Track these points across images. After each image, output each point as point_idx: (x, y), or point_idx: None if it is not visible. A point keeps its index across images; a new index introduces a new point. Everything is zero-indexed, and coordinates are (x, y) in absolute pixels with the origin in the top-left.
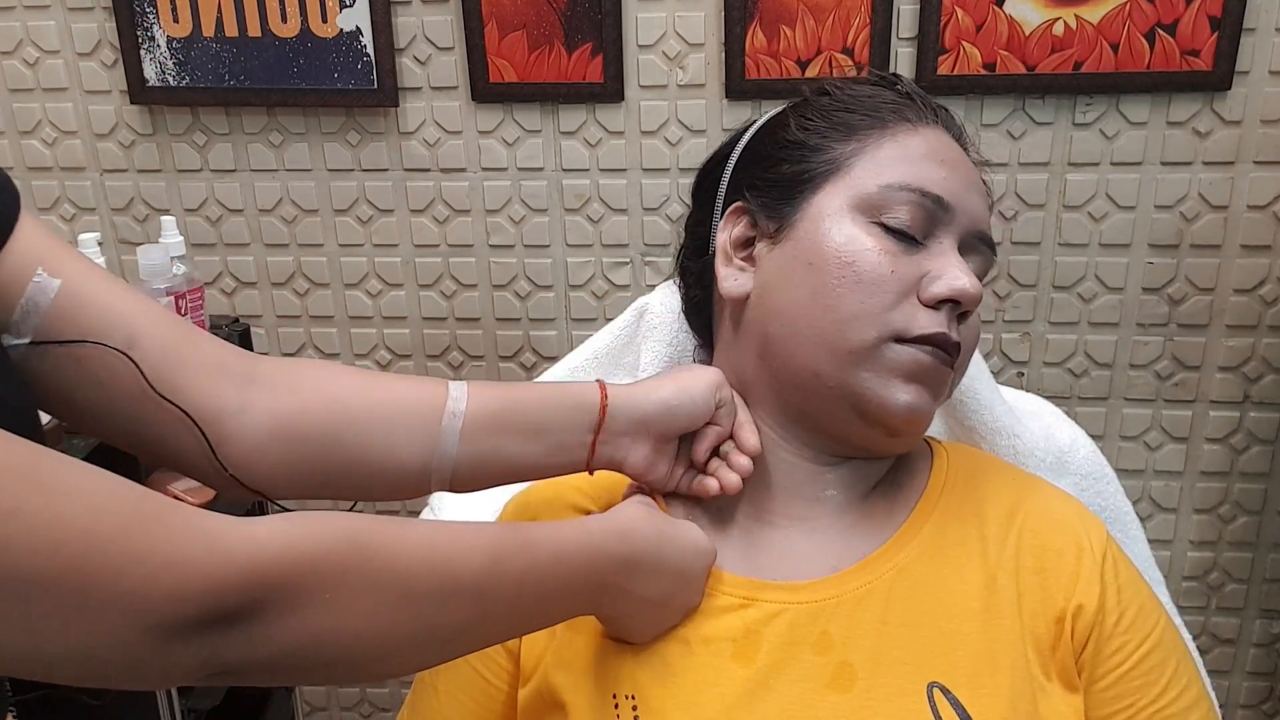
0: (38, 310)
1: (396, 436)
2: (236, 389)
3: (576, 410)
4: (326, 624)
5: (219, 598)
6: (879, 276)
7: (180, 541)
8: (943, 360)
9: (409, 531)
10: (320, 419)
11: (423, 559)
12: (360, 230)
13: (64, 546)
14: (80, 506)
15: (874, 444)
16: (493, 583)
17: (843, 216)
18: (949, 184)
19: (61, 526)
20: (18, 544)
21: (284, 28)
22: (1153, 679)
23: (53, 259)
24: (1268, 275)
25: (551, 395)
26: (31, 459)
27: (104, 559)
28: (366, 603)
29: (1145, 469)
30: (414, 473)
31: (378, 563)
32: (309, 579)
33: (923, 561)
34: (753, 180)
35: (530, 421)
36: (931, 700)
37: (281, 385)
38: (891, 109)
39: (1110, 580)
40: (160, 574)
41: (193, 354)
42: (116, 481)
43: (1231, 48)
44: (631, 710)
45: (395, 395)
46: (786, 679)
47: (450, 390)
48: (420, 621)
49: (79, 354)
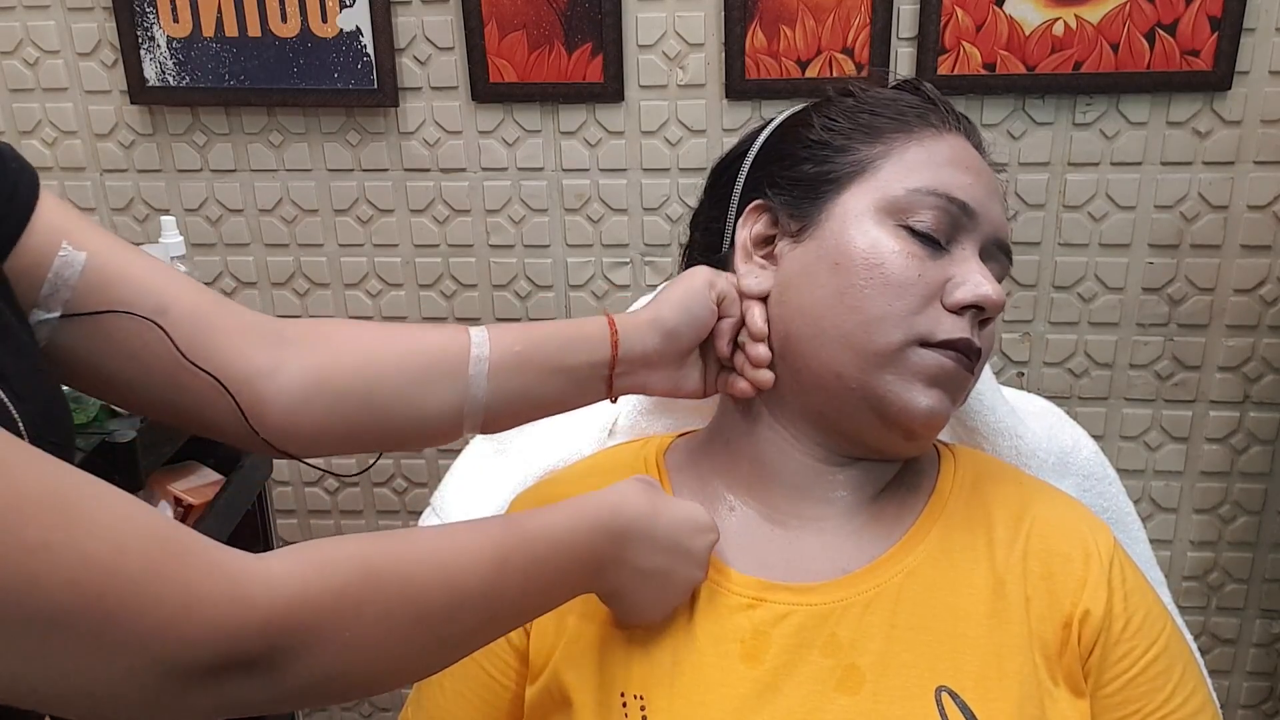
0: (66, 284)
1: (428, 387)
2: (268, 351)
3: (590, 349)
4: (343, 659)
5: (237, 644)
6: (906, 280)
7: (201, 585)
8: (965, 365)
9: (416, 547)
10: (352, 374)
11: (432, 576)
12: (360, 230)
13: (87, 584)
14: (106, 543)
15: (890, 446)
16: (499, 586)
17: (869, 218)
18: (973, 190)
19: (86, 564)
20: (43, 580)
21: (284, 28)
22: (1159, 684)
23: (78, 234)
24: (1268, 275)
25: (567, 334)
26: (61, 490)
27: (125, 599)
28: (381, 631)
29: (1145, 469)
30: (448, 419)
31: (391, 589)
32: (326, 619)
33: (931, 565)
34: (774, 178)
35: (550, 361)
36: (939, 704)
37: (311, 344)
38: (915, 113)
39: (1117, 585)
40: (180, 617)
41: (222, 320)
42: (144, 515)
43: (1231, 48)
44: (640, 709)
45: (422, 346)
46: (794, 680)
47: (472, 336)
48: (431, 635)
49: (109, 326)
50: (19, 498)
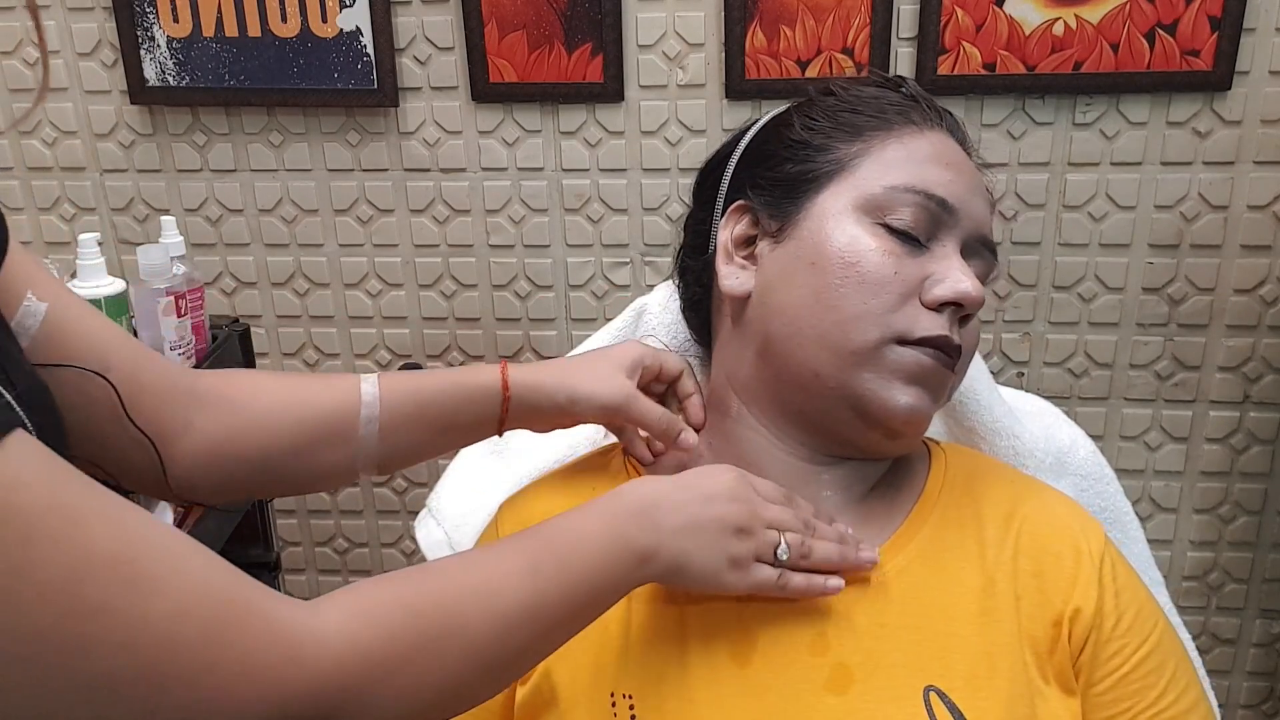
0: (26, 334)
1: (320, 449)
2: (180, 412)
3: (479, 410)
4: (398, 708)
5: (290, 711)
6: (882, 277)
7: (258, 650)
8: (944, 363)
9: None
10: (250, 441)
11: (474, 605)
12: (360, 230)
13: (144, 650)
14: (166, 606)
15: (873, 445)
16: (539, 598)
17: (847, 217)
18: (953, 187)
19: (145, 628)
20: (99, 642)
21: (284, 28)
22: (1151, 682)
23: (40, 284)
24: (1268, 275)
25: (459, 390)
26: (130, 548)
27: (180, 666)
28: (434, 671)
29: (1145, 469)
30: (340, 474)
31: (436, 627)
32: (378, 673)
33: (921, 564)
34: (755, 179)
35: (440, 420)
36: (928, 703)
37: (215, 406)
38: (896, 111)
39: (1108, 583)
40: (234, 686)
41: (148, 378)
42: (208, 572)
43: (1231, 48)
44: (629, 709)
45: (313, 408)
46: (783, 680)
47: (363, 396)
48: (483, 663)
49: (59, 378)
50: (86, 556)
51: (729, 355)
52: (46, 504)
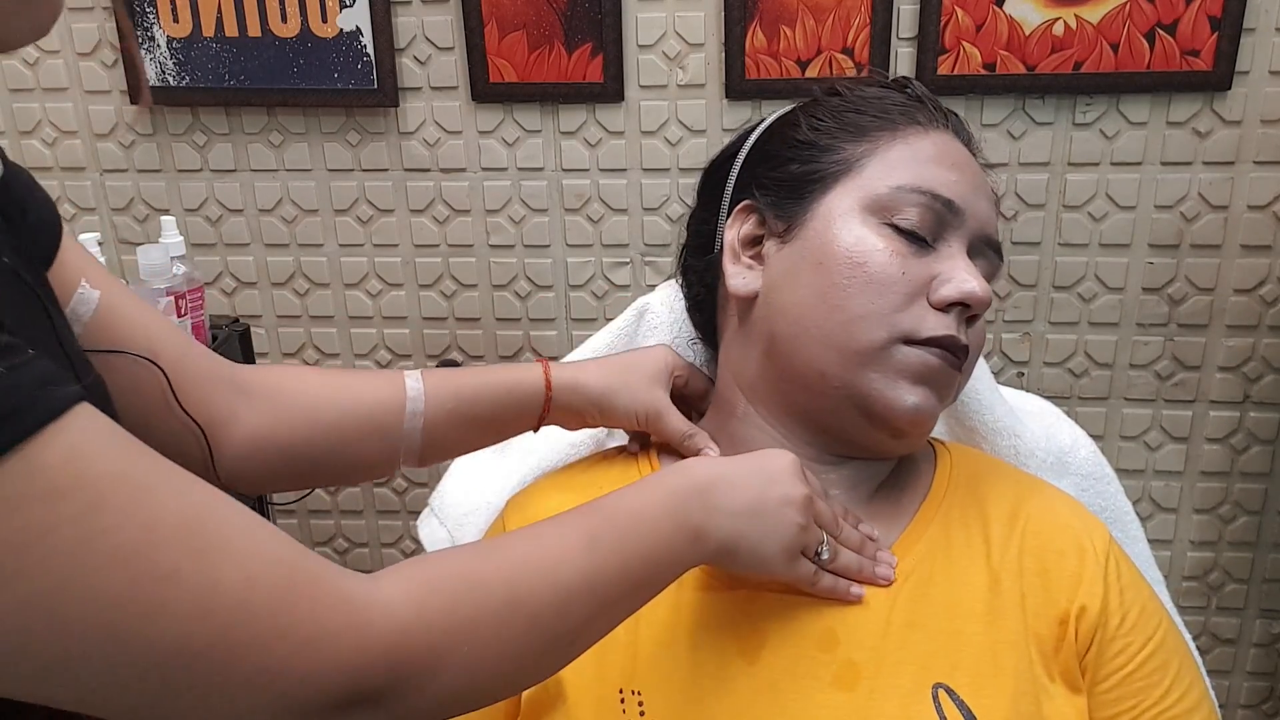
0: (79, 321)
1: (365, 442)
2: (227, 401)
3: (521, 409)
4: (465, 678)
5: (363, 678)
6: (889, 277)
7: (326, 617)
8: (951, 363)
9: (511, 552)
10: (294, 432)
11: (535, 576)
12: (360, 230)
13: (213, 616)
14: (236, 573)
15: (878, 445)
16: (598, 571)
17: (853, 217)
18: (959, 188)
19: (215, 595)
20: (169, 608)
21: (284, 28)
22: (1155, 680)
23: (92, 272)
24: (1268, 275)
25: (502, 389)
26: (198, 516)
27: (249, 632)
28: (497, 641)
29: (1145, 469)
30: (382, 466)
31: (498, 599)
32: (443, 643)
33: (928, 562)
34: (761, 179)
35: (482, 414)
36: (936, 701)
37: (261, 397)
38: (902, 111)
39: (1113, 582)
40: (305, 653)
41: (195, 367)
42: (275, 542)
43: (1231, 48)
44: (637, 706)
45: (360, 402)
46: (791, 677)
47: (408, 390)
48: (544, 636)
49: (109, 365)
50: (155, 522)
51: (735, 355)
52: (115, 473)
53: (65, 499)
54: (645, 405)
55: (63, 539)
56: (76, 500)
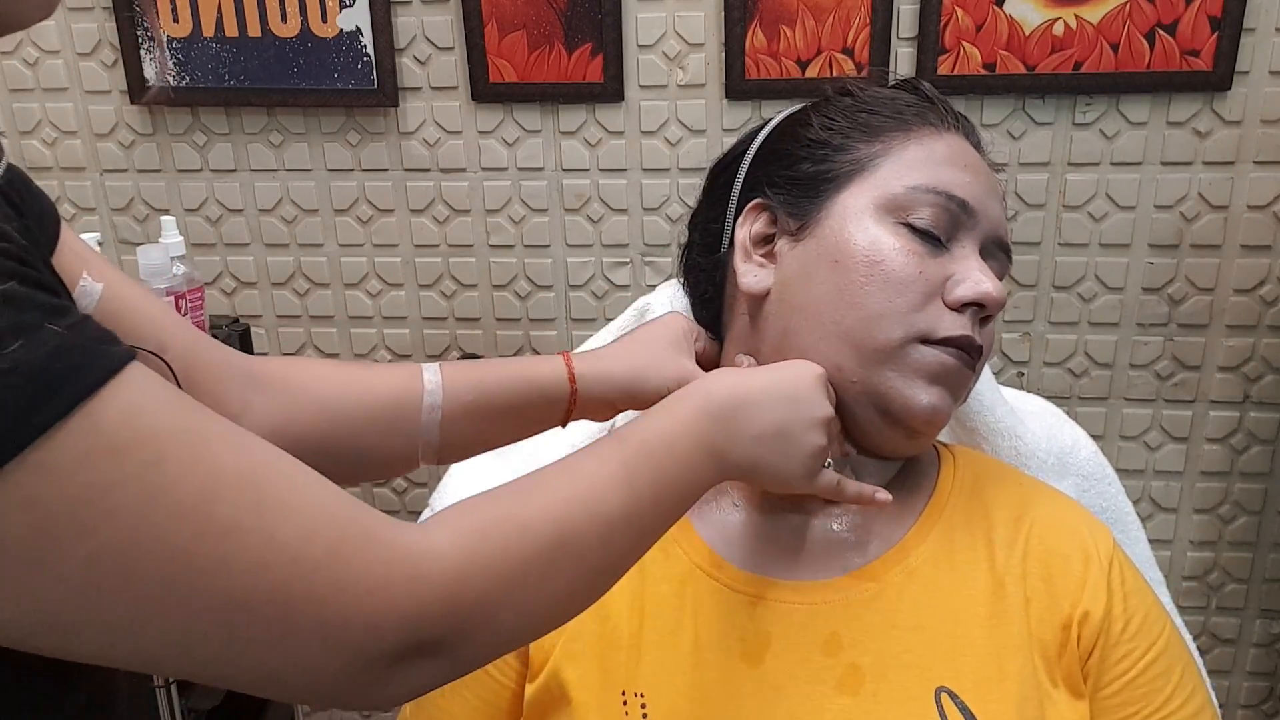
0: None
1: (382, 436)
2: (239, 392)
3: (545, 400)
4: (518, 619)
5: (422, 628)
6: (907, 276)
7: (382, 570)
8: (966, 363)
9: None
10: (309, 425)
11: (579, 513)
12: (360, 230)
13: (273, 570)
14: (294, 528)
15: (890, 444)
16: (636, 502)
17: (868, 216)
18: (972, 189)
19: (274, 548)
20: (231, 561)
21: (284, 28)
22: (1158, 686)
23: (94, 264)
24: (1268, 275)
25: (522, 382)
26: (255, 470)
27: (309, 585)
28: (548, 583)
29: (1145, 469)
30: (401, 460)
31: (546, 540)
32: (497, 584)
33: (932, 565)
34: (773, 178)
35: (502, 407)
36: (939, 705)
37: (275, 389)
38: (915, 112)
39: (1117, 587)
40: (364, 605)
41: (205, 358)
42: (330, 495)
43: (1231, 48)
44: (640, 708)
45: (377, 397)
46: (795, 680)
47: (425, 383)
48: (590, 571)
49: None
50: (215, 476)
51: (744, 351)
52: (174, 428)
53: (128, 455)
54: (677, 378)
55: (127, 494)
56: (138, 456)
